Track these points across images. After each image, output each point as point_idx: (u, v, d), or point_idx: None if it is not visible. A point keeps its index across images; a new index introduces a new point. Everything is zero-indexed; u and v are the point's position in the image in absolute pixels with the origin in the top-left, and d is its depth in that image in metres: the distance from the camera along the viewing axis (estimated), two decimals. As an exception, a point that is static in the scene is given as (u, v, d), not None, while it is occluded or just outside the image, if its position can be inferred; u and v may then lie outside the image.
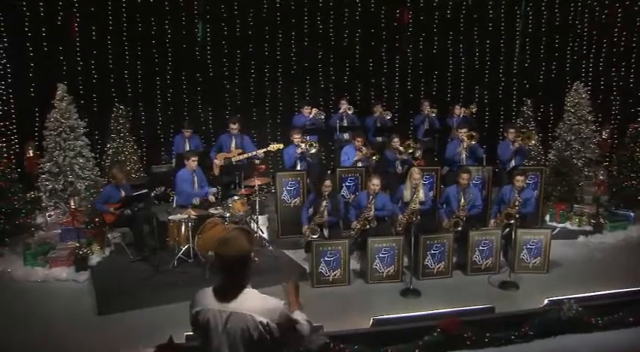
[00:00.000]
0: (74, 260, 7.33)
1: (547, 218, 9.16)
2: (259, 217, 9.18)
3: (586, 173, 9.58)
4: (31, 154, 8.71)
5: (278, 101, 11.49)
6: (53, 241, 7.86)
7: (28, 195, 8.33)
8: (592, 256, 8.26)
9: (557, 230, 8.59)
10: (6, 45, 9.76)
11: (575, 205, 9.13)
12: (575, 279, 7.23)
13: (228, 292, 2.84)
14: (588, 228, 8.86)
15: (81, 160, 8.46)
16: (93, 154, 8.81)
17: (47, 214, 8.18)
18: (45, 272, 7.32)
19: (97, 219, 7.91)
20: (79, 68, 10.30)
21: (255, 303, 2.81)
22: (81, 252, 7.33)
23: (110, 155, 9.46)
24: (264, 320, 2.77)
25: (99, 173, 8.87)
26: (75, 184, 8.33)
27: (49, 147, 8.38)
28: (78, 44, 10.22)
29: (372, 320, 5.47)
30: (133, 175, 9.44)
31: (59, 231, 7.96)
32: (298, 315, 3.02)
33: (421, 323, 5.43)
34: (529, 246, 7.41)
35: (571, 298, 5.82)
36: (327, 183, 7.43)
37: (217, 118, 10.94)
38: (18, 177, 8.25)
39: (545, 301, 5.95)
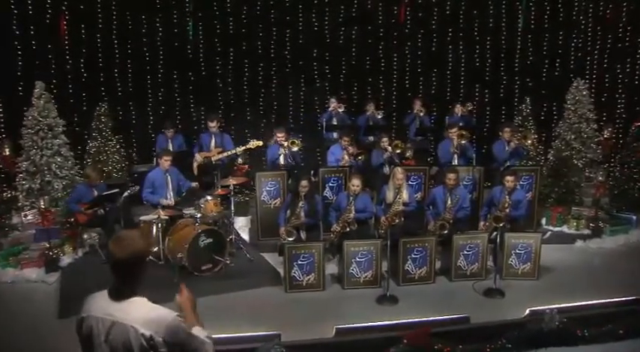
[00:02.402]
0: (44, 261, 7.13)
1: (543, 221, 8.70)
2: (242, 218, 8.96)
3: (587, 174, 9.10)
4: (7, 153, 8.52)
5: (272, 100, 11.25)
6: (27, 242, 7.67)
7: (4, 194, 8.16)
8: (589, 262, 7.79)
9: (548, 234, 8.14)
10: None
11: (574, 208, 8.65)
12: (568, 287, 6.78)
13: (117, 297, 2.58)
14: (587, 231, 8.39)
15: (59, 159, 8.25)
16: (72, 153, 8.59)
17: (23, 214, 7.99)
18: (16, 273, 7.10)
19: (72, 219, 7.69)
20: (68, 66, 10.19)
21: (140, 313, 2.53)
22: (51, 253, 7.12)
23: (92, 154, 9.26)
24: (147, 333, 2.48)
25: (78, 172, 8.66)
26: (52, 183, 8.14)
27: (27, 146, 8.19)
28: (67, 42, 10.09)
29: (334, 330, 5.13)
30: (115, 175, 9.23)
31: (34, 231, 7.77)
32: (197, 332, 2.72)
33: (387, 334, 5.07)
34: (518, 251, 6.97)
35: (554, 308, 5.42)
36: (304, 183, 7.12)
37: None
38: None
39: (527, 311, 5.55)
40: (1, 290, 6.89)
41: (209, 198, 7.15)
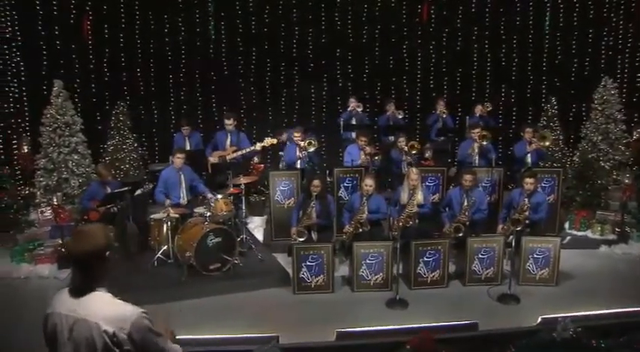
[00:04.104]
0: (57, 257, 7.19)
1: (566, 225, 8.37)
2: (257, 218, 8.90)
3: (614, 177, 8.70)
4: (26, 150, 8.66)
5: (294, 100, 11.18)
6: (43, 238, 7.76)
7: (22, 191, 8.28)
8: (613, 268, 7.43)
9: (568, 238, 7.82)
10: (20, 43, 9.84)
11: (599, 212, 8.29)
12: (588, 294, 6.48)
13: (79, 294, 2.52)
14: (612, 236, 8.03)
15: (76, 157, 8.33)
16: (89, 151, 8.66)
17: (40, 211, 8.07)
18: (29, 268, 7.20)
19: (85, 217, 7.73)
20: (92, 66, 10.32)
21: (104, 310, 2.47)
22: (63, 250, 7.17)
23: (109, 152, 9.33)
24: (111, 330, 2.42)
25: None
26: (69, 181, 8.22)
27: (45, 143, 8.30)
28: (90, 42, 10.23)
29: (335, 333, 4.98)
30: (132, 173, 9.28)
31: (50, 228, 7.86)
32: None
33: (390, 339, 4.89)
34: (536, 256, 6.69)
35: (567, 316, 5.14)
36: (316, 182, 6.98)
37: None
38: (10, 172, 8.24)
39: (539, 319, 5.29)
40: (14, 286, 6.98)
41: (219, 196, 7.09)
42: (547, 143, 8.34)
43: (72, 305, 2.50)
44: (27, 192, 8.32)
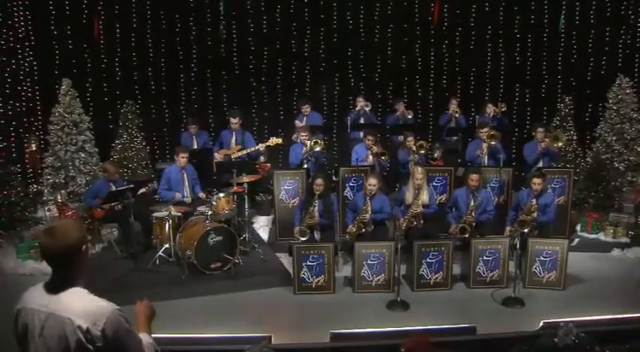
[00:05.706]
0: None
1: (578, 227, 8.16)
2: (263, 218, 8.86)
3: (629, 178, 8.46)
4: (34, 148, 8.73)
5: (306, 99, 11.08)
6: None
7: (30, 188, 8.36)
8: (626, 273, 7.19)
9: (576, 241, 7.61)
10: (33, 43, 9.95)
11: (612, 214, 8.06)
12: (597, 299, 6.28)
13: (54, 290, 2.45)
14: (625, 239, 7.79)
15: (83, 155, 8.40)
16: (97, 149, 8.72)
17: (47, 208, 8.13)
18: (34, 265, 7.20)
19: (91, 214, 7.76)
20: (103, 65, 10.39)
21: (78, 305, 2.39)
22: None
23: (117, 151, 9.38)
24: (85, 325, 2.34)
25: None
26: (76, 179, 8.28)
27: (52, 142, 8.38)
28: (102, 42, 10.32)
29: (329, 334, 4.89)
30: (140, 171, 9.31)
31: (56, 225, 7.90)
32: (143, 337, 2.66)
33: (384, 341, 4.78)
34: (542, 258, 6.50)
35: (570, 321, 4.97)
36: (318, 181, 6.90)
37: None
38: (21, 170, 8.33)
39: (540, 323, 5.14)
40: (19, 282, 6.98)
41: (221, 195, 7.05)
42: (560, 144, 8.12)
43: (44, 300, 2.43)
44: (35, 189, 8.38)
